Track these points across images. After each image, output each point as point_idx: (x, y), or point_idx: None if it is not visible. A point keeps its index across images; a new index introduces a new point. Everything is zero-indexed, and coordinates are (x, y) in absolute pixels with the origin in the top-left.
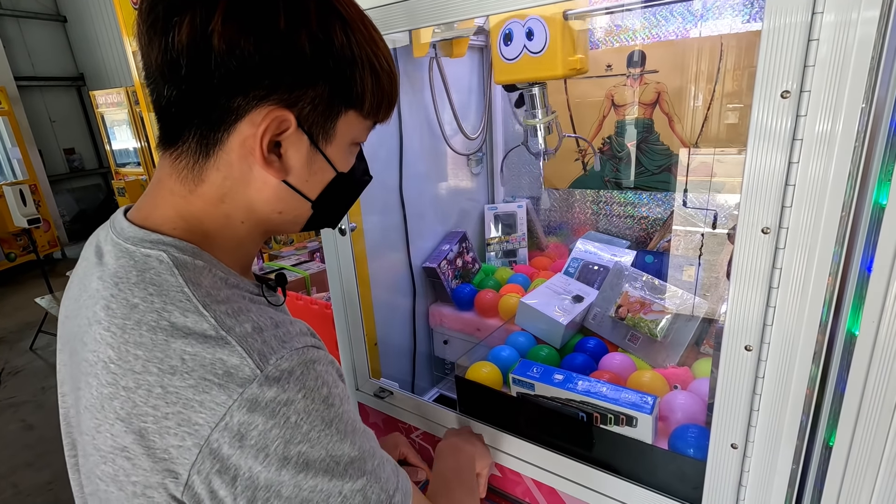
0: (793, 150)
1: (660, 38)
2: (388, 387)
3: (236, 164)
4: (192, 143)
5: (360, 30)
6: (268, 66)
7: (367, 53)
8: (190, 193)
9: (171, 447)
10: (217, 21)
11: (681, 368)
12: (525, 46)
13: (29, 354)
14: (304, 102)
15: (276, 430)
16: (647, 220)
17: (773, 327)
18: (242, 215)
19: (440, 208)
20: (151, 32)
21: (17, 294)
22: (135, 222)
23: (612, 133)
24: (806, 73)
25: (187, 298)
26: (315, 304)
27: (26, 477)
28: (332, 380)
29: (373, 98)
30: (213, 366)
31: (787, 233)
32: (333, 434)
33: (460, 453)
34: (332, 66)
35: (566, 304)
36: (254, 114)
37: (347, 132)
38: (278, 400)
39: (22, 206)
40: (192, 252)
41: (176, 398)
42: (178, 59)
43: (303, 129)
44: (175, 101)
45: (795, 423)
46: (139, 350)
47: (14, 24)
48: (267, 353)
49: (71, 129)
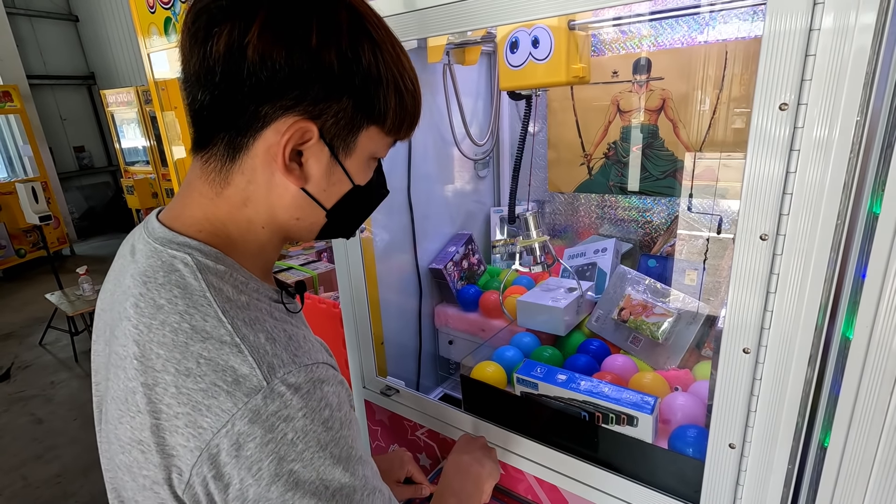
0: (790, 160)
1: (665, 46)
2: (395, 385)
3: (260, 169)
4: (220, 147)
5: (388, 50)
6: (296, 78)
7: (393, 73)
8: (217, 196)
9: (179, 445)
10: (253, 34)
11: (682, 371)
12: (530, 54)
13: (38, 349)
14: (328, 115)
15: (271, 445)
16: (651, 225)
17: (770, 331)
18: (263, 220)
19: (447, 211)
20: (193, 41)
21: (26, 289)
22: (165, 223)
23: (618, 138)
24: (803, 86)
25: (208, 303)
26: (323, 303)
27: (36, 469)
28: (336, 402)
29: (395, 116)
30: (224, 372)
31: (784, 239)
32: (327, 458)
33: (466, 477)
34: (358, 84)
35: (560, 294)
36: (279, 122)
37: (367, 146)
38: (279, 415)
39: (34, 203)
40: (215, 256)
41: (187, 399)
42: (214, 67)
43: (324, 140)
44: (208, 106)
45: (791, 424)
46: (161, 349)
47: (27, 24)
48: (276, 365)
49: (81, 127)
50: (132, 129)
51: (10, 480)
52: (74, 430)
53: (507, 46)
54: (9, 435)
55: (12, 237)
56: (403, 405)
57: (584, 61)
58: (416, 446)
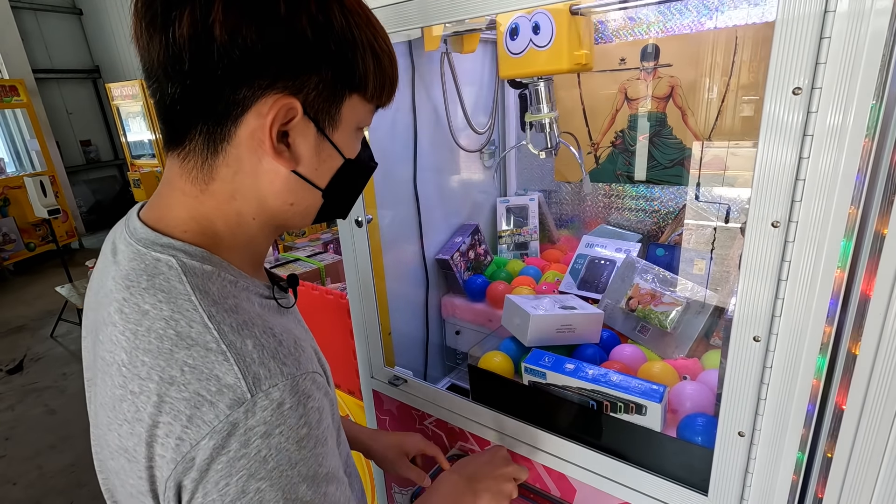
0: (803, 146)
1: (674, 32)
2: (402, 375)
3: (245, 157)
4: (199, 142)
5: (357, 12)
6: (271, 52)
7: (367, 35)
8: (201, 193)
9: (158, 455)
10: (217, 11)
11: (690, 360)
12: (531, 41)
13: (50, 342)
14: (309, 88)
15: (243, 461)
16: (659, 214)
17: (781, 318)
18: (254, 211)
19: (453, 201)
20: (151, 29)
21: (37, 283)
22: (147, 223)
23: (625, 127)
24: (817, 70)
25: (194, 308)
26: (330, 293)
27: (50, 459)
28: (316, 419)
29: (375, 80)
30: (208, 381)
31: (796, 226)
32: (294, 476)
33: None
34: (335, 49)
35: (546, 305)
36: (260, 104)
37: (352, 117)
38: (256, 431)
39: (42, 197)
40: (201, 257)
41: (170, 409)
42: (181, 54)
43: (309, 116)
44: (180, 98)
45: (802, 413)
46: (146, 357)
47: (32, 17)
48: (262, 376)
49: (87, 120)
50: (138, 122)
51: (26, 469)
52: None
53: (506, 33)
54: (23, 425)
55: (22, 231)
56: (411, 395)
57: (587, 47)
58: (425, 435)
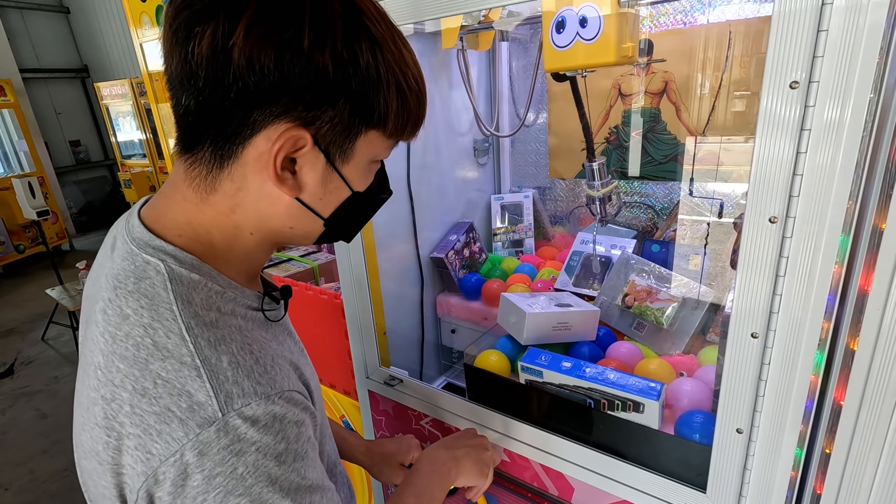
0: (801, 140)
1: (667, 27)
2: (398, 375)
3: (250, 177)
4: (207, 153)
5: (389, 48)
6: (286, 83)
7: (395, 73)
8: (202, 201)
9: (127, 465)
10: (239, 35)
11: (687, 356)
12: (578, 34)
13: (41, 345)
14: (323, 121)
15: (219, 479)
16: (654, 210)
17: (779, 315)
18: (252, 227)
19: (447, 199)
20: (173, 41)
21: (27, 285)
22: (146, 222)
23: (619, 122)
24: (815, 63)
25: (174, 318)
26: (324, 294)
27: (42, 464)
28: (294, 434)
29: (397, 119)
30: (179, 397)
31: (794, 222)
32: (276, 491)
33: (433, 476)
34: (355, 87)
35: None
36: (270, 129)
37: (367, 151)
38: (230, 449)
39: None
40: (190, 264)
41: (140, 420)
42: (197, 70)
43: (319, 147)
44: (192, 111)
45: (800, 409)
46: (122, 363)
47: (18, 16)
48: (235, 395)
49: (76, 121)
50: (128, 122)
51: (18, 475)
52: None
53: (552, 26)
54: (14, 430)
55: (11, 233)
56: (407, 395)
57: (633, 40)
58: (421, 435)
